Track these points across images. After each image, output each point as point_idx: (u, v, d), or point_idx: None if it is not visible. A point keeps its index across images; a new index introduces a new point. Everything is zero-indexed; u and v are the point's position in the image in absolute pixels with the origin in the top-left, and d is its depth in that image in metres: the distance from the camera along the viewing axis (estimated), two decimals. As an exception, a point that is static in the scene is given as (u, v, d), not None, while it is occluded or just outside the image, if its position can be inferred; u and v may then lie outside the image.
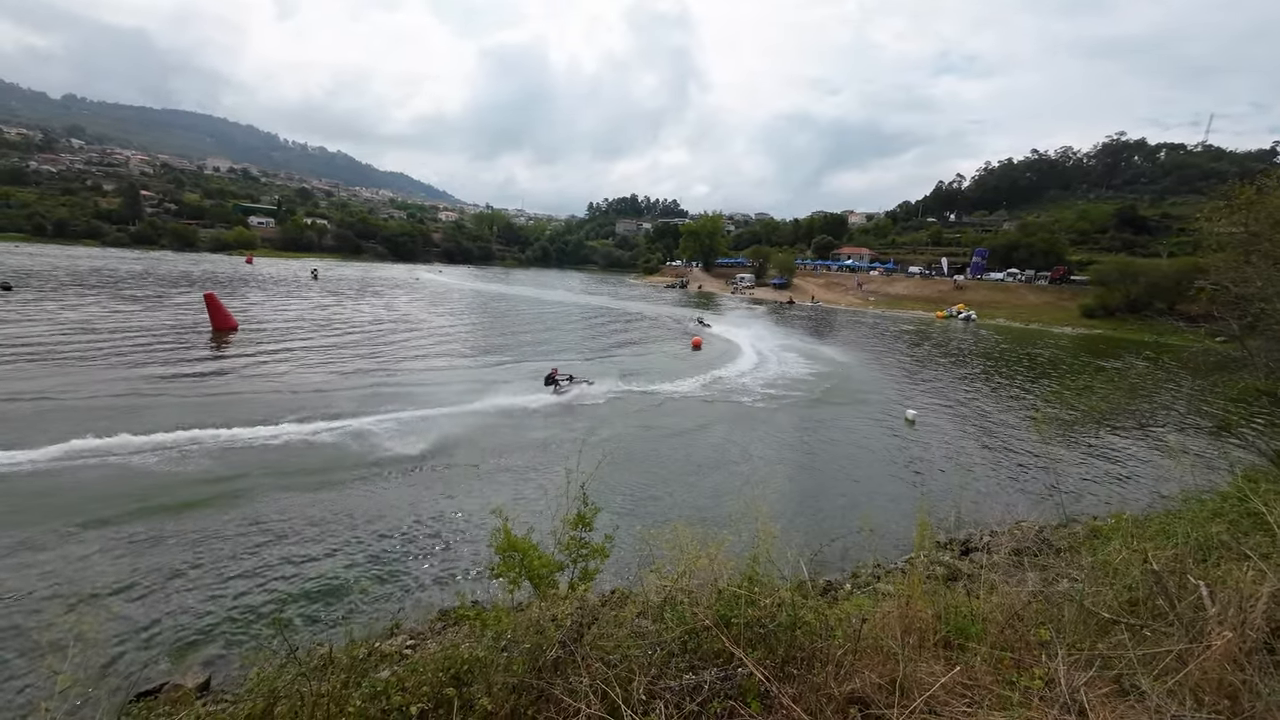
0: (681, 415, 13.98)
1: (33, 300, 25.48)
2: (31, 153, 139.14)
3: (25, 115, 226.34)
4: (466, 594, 6.01)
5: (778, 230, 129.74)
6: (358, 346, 20.40)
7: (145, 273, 46.63)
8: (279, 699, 2.25)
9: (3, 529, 6.70)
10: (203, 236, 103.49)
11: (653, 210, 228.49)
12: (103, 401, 11.69)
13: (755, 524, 4.74)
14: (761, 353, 24.68)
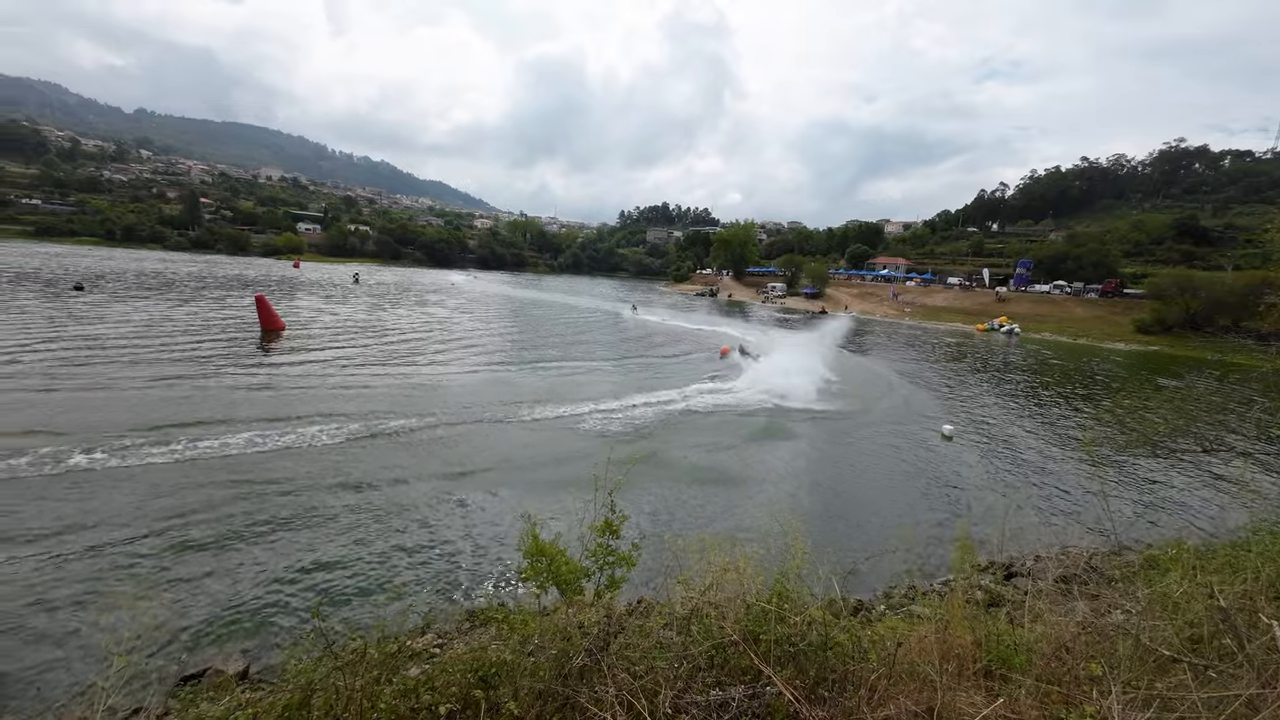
0: (708, 425, 13.85)
1: (103, 301, 27.29)
2: (105, 163, 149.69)
3: (101, 128, 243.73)
4: (494, 596, 6.08)
5: (811, 239, 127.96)
6: (398, 350, 21.02)
7: (202, 275, 49.33)
8: (315, 690, 2.32)
9: (78, 520, 7.13)
10: (255, 242, 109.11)
11: (684, 218, 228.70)
12: (159, 394, 12.37)
13: (785, 538, 4.64)
14: (790, 362, 24.30)
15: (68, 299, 26.96)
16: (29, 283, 32.38)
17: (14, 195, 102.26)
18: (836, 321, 53.56)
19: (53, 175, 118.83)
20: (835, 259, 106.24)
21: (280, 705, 2.28)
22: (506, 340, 26.09)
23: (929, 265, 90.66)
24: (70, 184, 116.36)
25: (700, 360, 23.87)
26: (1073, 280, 64.89)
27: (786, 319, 53.75)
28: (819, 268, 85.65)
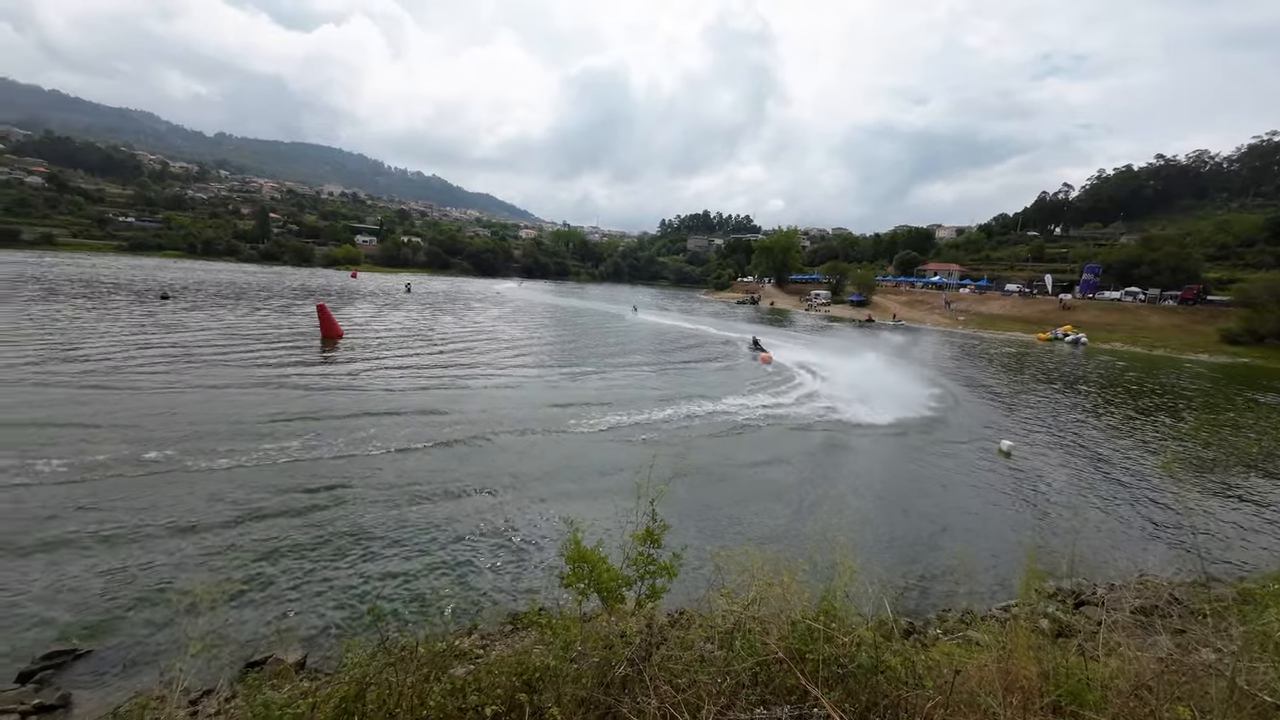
0: (751, 435, 13.62)
1: (185, 309, 29.67)
2: (189, 183, 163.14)
3: (187, 151, 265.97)
4: (536, 599, 6.16)
5: (856, 245, 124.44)
6: (448, 358, 21.78)
7: (270, 285, 52.82)
8: (370, 685, 2.42)
9: (162, 513, 7.73)
10: (317, 253, 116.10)
11: (725, 226, 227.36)
12: (230, 398, 13.27)
13: (832, 554, 4.49)
14: (835, 372, 23.60)
15: (155, 307, 29.47)
16: (123, 293, 35.59)
17: (113, 214, 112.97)
18: (886, 331, 51.71)
19: (145, 195, 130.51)
20: (882, 265, 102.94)
21: (337, 696, 2.38)
22: (550, 347, 26.59)
23: (984, 271, 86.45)
24: (159, 202, 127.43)
25: (741, 368, 23.55)
26: (1147, 286, 60.31)
27: (831, 327, 52.36)
28: (865, 274, 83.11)
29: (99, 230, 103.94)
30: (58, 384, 13.24)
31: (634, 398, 16.45)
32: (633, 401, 15.89)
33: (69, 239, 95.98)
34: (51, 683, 4.76)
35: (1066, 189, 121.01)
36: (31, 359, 15.50)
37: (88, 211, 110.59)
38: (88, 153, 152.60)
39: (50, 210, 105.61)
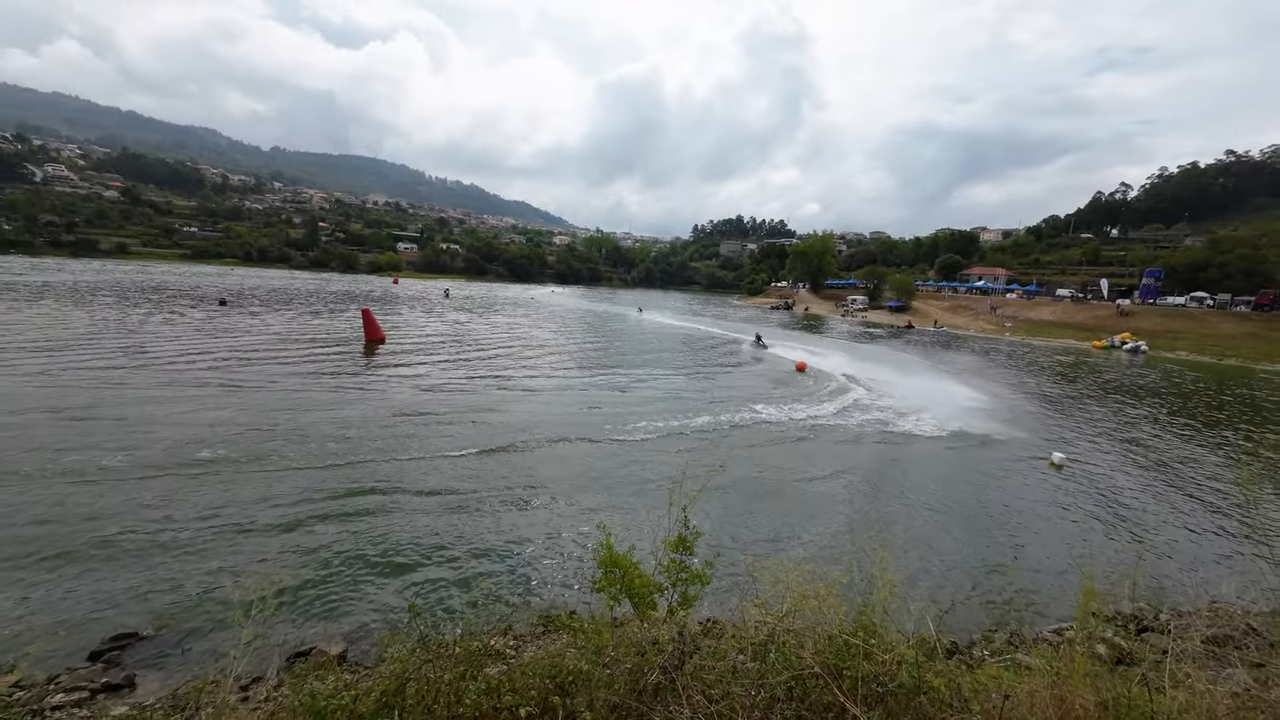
0: (787, 443, 13.36)
1: (241, 313, 31.40)
2: (246, 194, 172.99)
3: (244, 164, 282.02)
4: (568, 603, 6.20)
5: (896, 249, 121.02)
6: (483, 361, 22.27)
7: (318, 291, 55.30)
8: (409, 680, 2.48)
9: (222, 507, 8.16)
10: (362, 260, 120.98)
11: (758, 231, 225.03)
12: (278, 399, 13.93)
13: (870, 567, 4.35)
14: (872, 380, 22.95)
15: (214, 312, 31.30)
16: (186, 298, 37.96)
17: (178, 224, 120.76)
18: (927, 337, 49.98)
19: (207, 206, 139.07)
20: (923, 270, 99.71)
21: (378, 690, 2.45)
22: (582, 351, 26.84)
23: (1033, 275, 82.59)
24: (219, 213, 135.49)
25: (775, 375, 23.18)
26: (1216, 291, 56.33)
27: (868, 333, 50.98)
28: (905, 279, 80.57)
29: (166, 240, 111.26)
30: (129, 384, 14.21)
31: (667, 403, 16.41)
32: (666, 407, 15.86)
33: (140, 248, 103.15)
34: (118, 663, 5.07)
35: (1124, 189, 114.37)
36: (108, 360, 16.68)
37: (157, 222, 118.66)
38: (158, 168, 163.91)
39: (124, 221, 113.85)
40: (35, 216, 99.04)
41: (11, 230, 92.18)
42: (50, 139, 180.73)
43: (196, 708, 3.79)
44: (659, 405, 16.03)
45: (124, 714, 4.22)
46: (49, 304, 29.54)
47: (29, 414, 11.23)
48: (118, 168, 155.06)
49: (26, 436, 9.97)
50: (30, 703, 4.38)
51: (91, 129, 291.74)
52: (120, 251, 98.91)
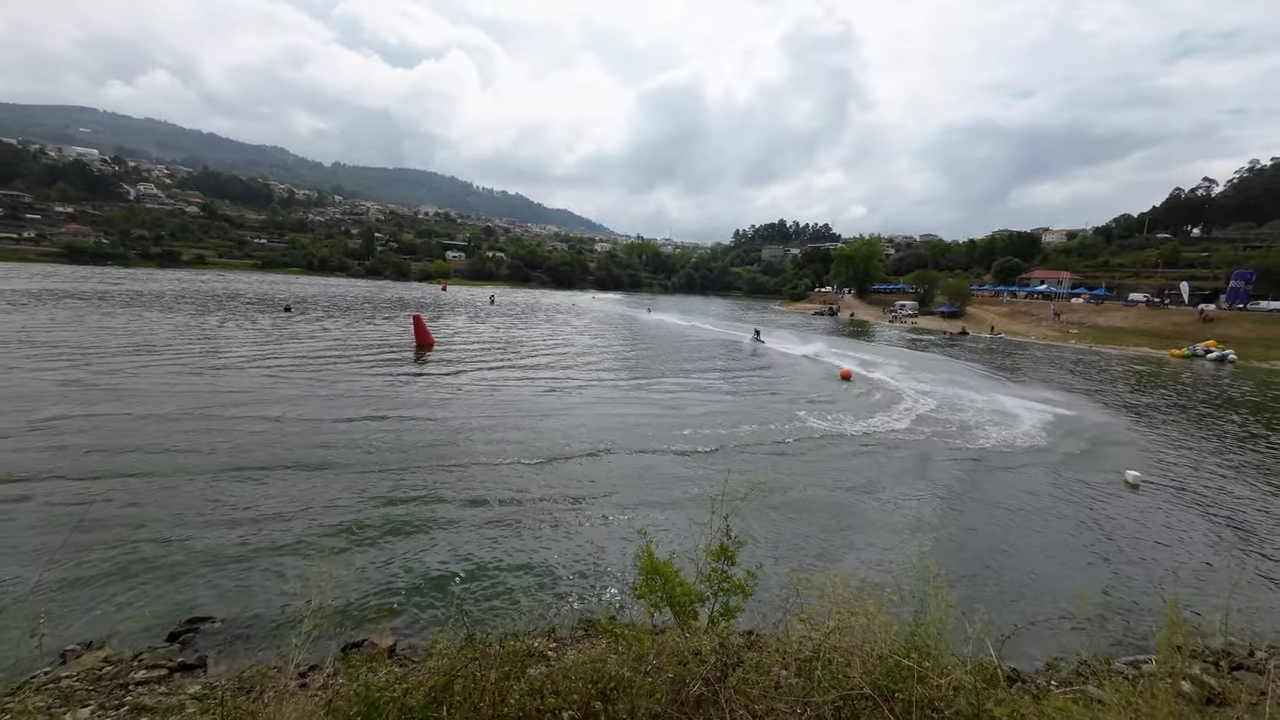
0: (834, 454, 12.96)
1: (305, 320, 33.40)
2: (310, 208, 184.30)
3: (309, 180, 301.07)
4: (606, 607, 6.22)
5: (948, 253, 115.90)
6: (526, 367, 22.77)
7: (373, 298, 58.12)
8: (456, 677, 2.55)
9: (297, 505, 8.66)
10: (413, 268, 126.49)
11: (801, 235, 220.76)
12: (347, 401, 14.68)
13: (924, 585, 4.16)
14: (923, 389, 22.00)
15: (280, 318, 33.44)
16: (254, 305, 40.74)
17: (250, 236, 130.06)
18: (983, 344, 47.52)
19: (275, 220, 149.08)
20: (978, 274, 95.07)
21: (427, 685, 2.53)
22: (623, 357, 27.01)
23: (1101, 279, 77.29)
24: (285, 225, 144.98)
25: (819, 382, 22.58)
26: (1321, 295, 50.93)
27: (919, 340, 48.94)
28: (958, 284, 76.93)
29: (239, 251, 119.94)
30: (201, 387, 15.35)
31: (710, 410, 16.27)
32: (709, 414, 15.73)
33: (216, 259, 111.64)
34: (192, 644, 5.45)
35: (1208, 184, 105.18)
36: (188, 364, 18.10)
37: (231, 235, 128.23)
38: (233, 184, 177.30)
39: (203, 234, 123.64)
40: (128, 231, 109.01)
41: (109, 244, 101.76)
42: (142, 161, 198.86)
43: (261, 690, 4.02)
44: (701, 412, 15.92)
45: (197, 693, 4.52)
46: (138, 310, 32.35)
47: (117, 412, 12.30)
48: (198, 185, 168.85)
49: (123, 430, 10.92)
50: (117, 677, 4.76)
51: (177, 150, 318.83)
52: (199, 262, 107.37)
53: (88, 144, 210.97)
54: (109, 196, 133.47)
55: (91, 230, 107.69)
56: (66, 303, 34.16)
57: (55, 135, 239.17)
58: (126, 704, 4.36)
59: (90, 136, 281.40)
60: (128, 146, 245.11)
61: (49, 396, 13.08)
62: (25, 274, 60.02)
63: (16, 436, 10.30)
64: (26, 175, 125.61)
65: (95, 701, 4.38)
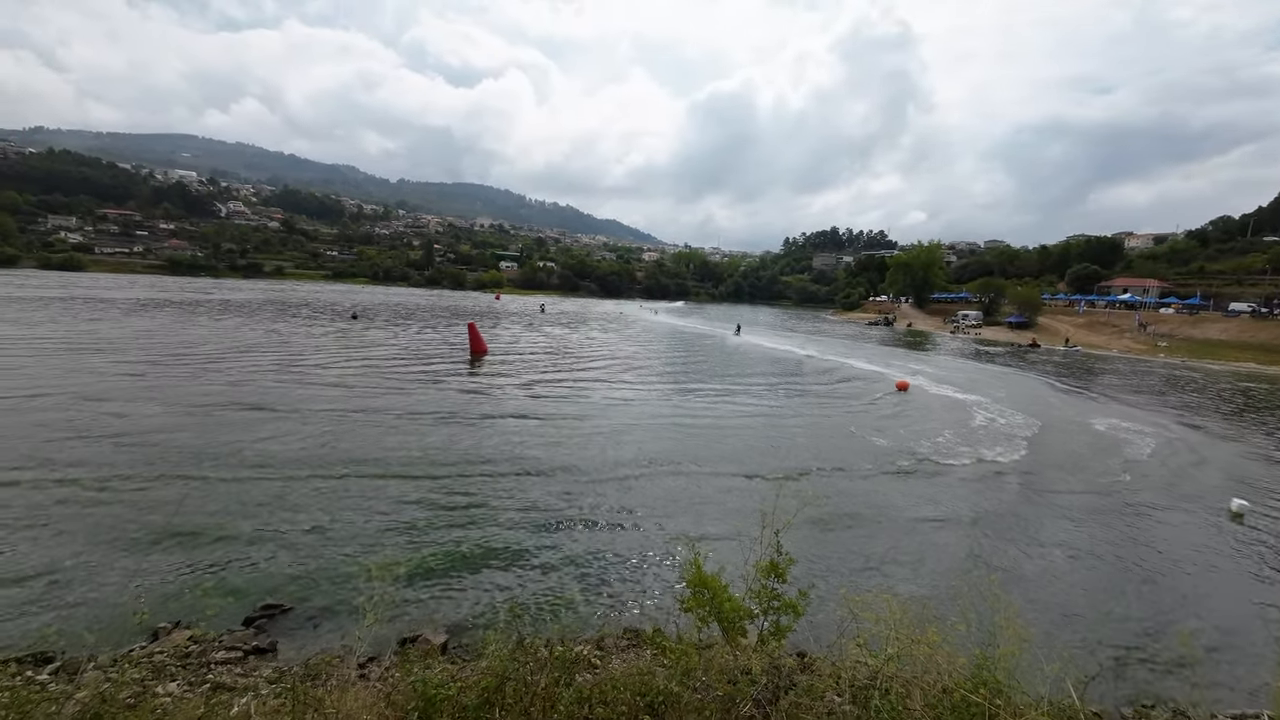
0: (892, 473, 12.34)
1: (370, 327, 35.44)
2: (376, 222, 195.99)
3: (377, 196, 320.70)
4: (651, 618, 6.16)
5: (1016, 259, 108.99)
6: (576, 375, 23.15)
7: (431, 307, 60.96)
8: (508, 680, 2.59)
9: (361, 503, 9.16)
10: (469, 278, 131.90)
11: (855, 242, 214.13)
12: (408, 407, 15.42)
13: (994, 615, 3.88)
14: (991, 404, 20.70)
15: (348, 325, 35.65)
16: (328, 313, 43.65)
17: (323, 248, 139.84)
18: (1058, 357, 44.21)
19: (345, 233, 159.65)
20: (1051, 282, 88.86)
21: (479, 686, 2.59)
22: (672, 367, 26.98)
23: (1196, 287, 70.31)
24: (354, 239, 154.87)
25: (873, 396, 21.68)
26: None
27: (985, 352, 46.14)
28: (1028, 292, 72.11)
29: (313, 262, 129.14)
30: (284, 386, 16.55)
31: (761, 424, 15.95)
32: (760, 429, 15.42)
33: (293, 269, 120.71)
34: (265, 630, 5.82)
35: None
36: (272, 365, 19.59)
37: (307, 247, 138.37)
38: (309, 201, 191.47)
39: (282, 247, 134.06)
40: (219, 245, 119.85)
41: (203, 257, 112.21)
42: (233, 181, 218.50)
43: (326, 678, 4.23)
44: (751, 425, 15.62)
45: (269, 676, 4.82)
46: (230, 317, 35.37)
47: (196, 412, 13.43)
48: (279, 202, 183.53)
49: (210, 428, 11.93)
50: (200, 656, 5.15)
51: (263, 171, 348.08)
52: (278, 273, 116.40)
53: (188, 167, 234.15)
54: (204, 214, 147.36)
55: (189, 245, 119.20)
56: (169, 310, 37.84)
57: (161, 160, 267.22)
58: (208, 681, 4.70)
59: (190, 160, 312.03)
60: (221, 168, 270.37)
61: (146, 394, 14.48)
62: (136, 284, 67.13)
63: (118, 436, 11.44)
64: (137, 196, 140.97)
65: (182, 677, 4.75)
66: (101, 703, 2.71)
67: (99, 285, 61.05)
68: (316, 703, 2.68)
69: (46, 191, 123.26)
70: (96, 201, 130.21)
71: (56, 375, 16.00)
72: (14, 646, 5.03)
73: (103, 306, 37.58)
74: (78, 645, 4.88)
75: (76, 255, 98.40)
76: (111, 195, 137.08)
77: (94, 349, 20.80)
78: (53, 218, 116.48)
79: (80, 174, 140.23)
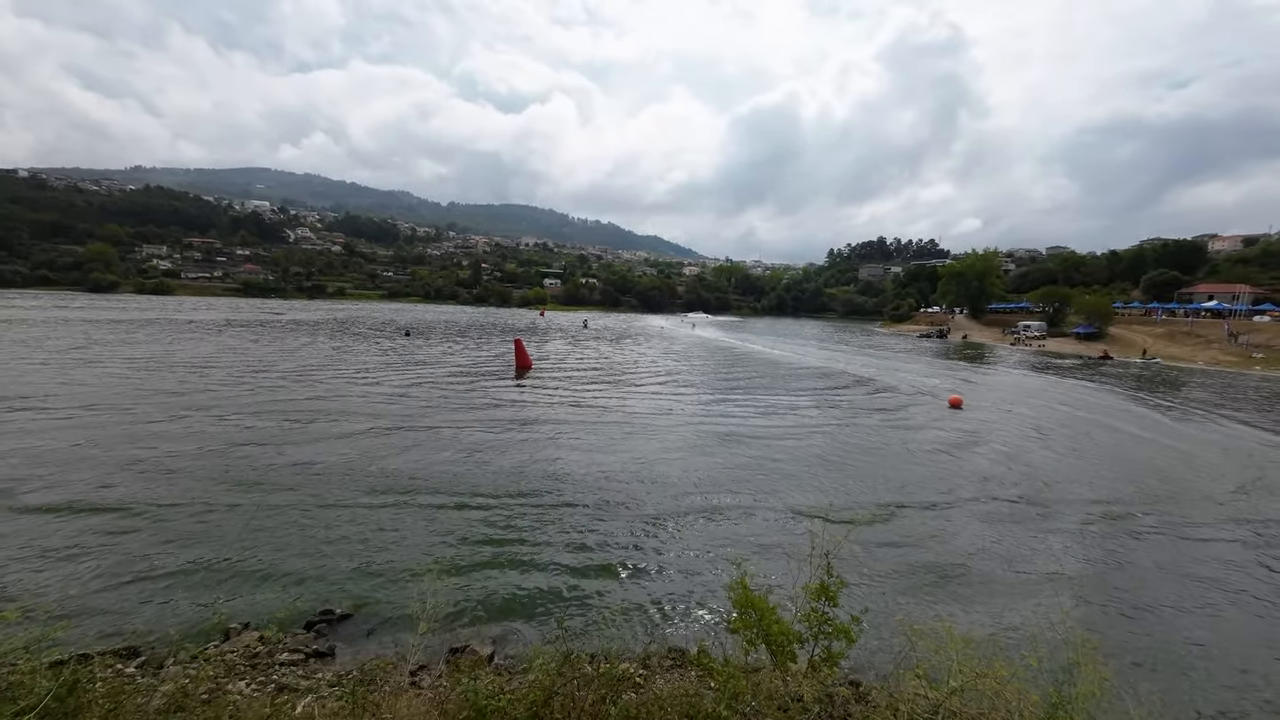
0: (951, 500, 11.67)
1: (420, 345, 37.04)
2: (428, 243, 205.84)
3: (429, 218, 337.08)
4: (695, 638, 6.04)
5: (1082, 266, 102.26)
6: (621, 389, 23.31)
7: (479, 323, 63.09)
8: (556, 695, 2.61)
9: (412, 515, 9.53)
10: (514, 295, 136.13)
11: (904, 252, 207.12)
12: (461, 421, 15.96)
13: (1068, 652, 3.60)
14: (1061, 426, 19.36)
15: (401, 341, 37.38)
16: (379, 329, 45.91)
17: (379, 269, 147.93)
18: (1134, 370, 40.92)
19: (400, 255, 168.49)
20: (1123, 290, 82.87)
21: (528, 699, 2.62)
22: (716, 382, 26.73)
23: (1299, 292, 63.67)
24: (408, 260, 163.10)
25: (929, 414, 20.71)
26: None
27: (1051, 365, 43.29)
28: (1097, 300, 67.34)
29: (371, 283, 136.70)
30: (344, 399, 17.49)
31: (811, 442, 15.48)
32: (809, 447, 14.98)
33: (353, 290, 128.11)
34: (325, 634, 6.09)
35: None
36: (334, 379, 20.77)
37: (365, 269, 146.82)
38: (367, 226, 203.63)
39: (344, 269, 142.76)
40: (287, 269, 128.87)
41: (273, 280, 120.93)
42: (301, 209, 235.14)
43: (380, 683, 4.39)
44: (800, 443, 15.14)
45: (328, 679, 5.03)
46: (298, 336, 37.82)
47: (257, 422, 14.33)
48: (341, 228, 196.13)
49: (287, 441, 12.73)
50: (266, 657, 5.44)
51: (327, 199, 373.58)
52: (339, 293, 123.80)
53: (262, 198, 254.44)
54: (275, 240, 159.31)
55: (261, 269, 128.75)
56: (251, 329, 40.88)
57: (239, 192, 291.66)
58: (273, 682, 4.95)
59: (264, 191, 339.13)
60: (291, 198, 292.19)
61: (231, 406, 15.60)
62: (217, 306, 72.97)
63: (208, 455, 12.37)
64: (218, 225, 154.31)
65: (250, 677, 5.03)
66: (184, 697, 2.90)
67: (185, 308, 66.73)
68: (374, 707, 2.78)
69: (142, 224, 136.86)
70: (184, 231, 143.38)
71: (169, 385, 17.52)
72: (115, 637, 5.48)
73: (189, 327, 41.03)
74: (164, 641, 5.26)
75: (166, 280, 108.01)
76: (196, 225, 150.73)
77: (188, 366, 22.66)
78: (147, 247, 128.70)
79: (170, 207, 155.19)
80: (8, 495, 8.92)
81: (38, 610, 5.07)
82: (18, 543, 7.43)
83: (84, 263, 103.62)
